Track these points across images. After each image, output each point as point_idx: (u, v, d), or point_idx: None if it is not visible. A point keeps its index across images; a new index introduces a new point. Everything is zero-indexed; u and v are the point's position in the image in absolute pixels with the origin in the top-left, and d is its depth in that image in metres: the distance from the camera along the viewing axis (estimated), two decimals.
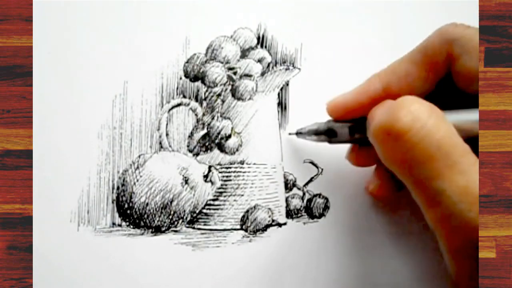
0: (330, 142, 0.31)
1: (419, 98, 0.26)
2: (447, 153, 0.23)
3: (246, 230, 0.34)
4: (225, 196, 0.35)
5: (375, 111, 0.28)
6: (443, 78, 0.28)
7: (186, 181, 0.34)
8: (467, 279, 0.24)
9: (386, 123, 0.25)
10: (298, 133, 0.34)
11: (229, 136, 0.34)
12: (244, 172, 0.35)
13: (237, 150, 0.34)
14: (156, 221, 0.34)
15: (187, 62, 0.35)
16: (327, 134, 0.31)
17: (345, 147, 0.33)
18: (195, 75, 0.35)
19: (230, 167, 0.35)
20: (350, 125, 0.30)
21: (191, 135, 0.35)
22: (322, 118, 0.32)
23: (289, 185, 0.35)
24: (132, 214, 0.34)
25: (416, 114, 0.24)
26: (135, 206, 0.34)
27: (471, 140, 0.26)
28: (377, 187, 0.32)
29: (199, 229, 0.35)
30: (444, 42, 0.27)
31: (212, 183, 0.34)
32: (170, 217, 0.34)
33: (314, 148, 0.35)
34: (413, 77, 0.28)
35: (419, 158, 0.24)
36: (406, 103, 0.25)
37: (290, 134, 0.35)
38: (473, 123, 0.27)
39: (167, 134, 0.35)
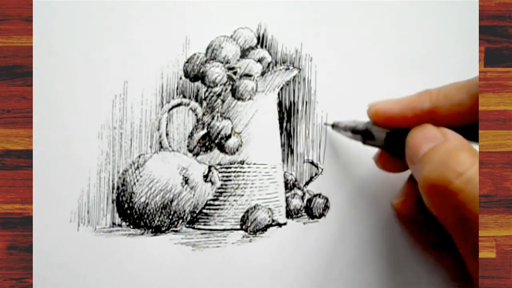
0: (364, 143, 0.31)
1: (469, 149, 0.26)
2: None
3: (246, 230, 0.34)
4: (225, 196, 0.35)
5: (417, 135, 0.28)
6: None
7: (186, 181, 0.34)
8: None
9: (437, 182, 0.25)
10: (334, 126, 0.33)
11: (229, 136, 0.34)
12: (244, 172, 0.35)
13: (237, 150, 0.34)
14: (156, 221, 0.34)
15: (187, 62, 0.35)
16: (363, 135, 0.31)
17: (346, 148, 0.33)
18: (195, 75, 0.35)
19: (230, 167, 0.35)
20: (388, 131, 0.30)
21: (191, 135, 0.35)
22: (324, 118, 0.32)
23: (289, 185, 0.35)
24: (132, 214, 0.34)
25: (469, 176, 0.24)
26: (135, 206, 0.34)
27: None
28: (401, 203, 0.32)
29: (199, 229, 0.35)
30: None
31: (212, 183, 0.34)
32: (170, 217, 0.34)
33: (314, 148, 0.35)
34: (465, 108, 0.28)
35: (469, 216, 0.24)
36: (458, 162, 0.25)
37: (326, 124, 0.35)
38: None
39: (167, 134, 0.35)
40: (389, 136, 0.30)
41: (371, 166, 0.33)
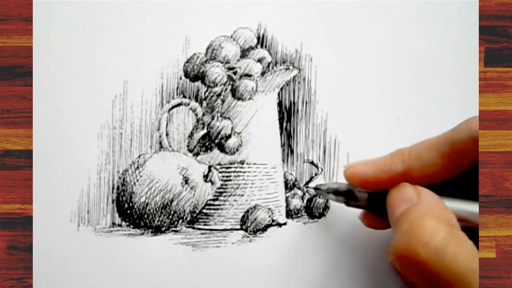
0: (347, 204, 0.31)
1: (437, 214, 0.26)
2: (466, 281, 0.24)
3: (246, 230, 0.34)
4: (225, 196, 0.35)
5: (393, 196, 0.28)
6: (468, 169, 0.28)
7: (186, 181, 0.34)
8: None
9: (405, 252, 0.25)
10: (317, 189, 0.33)
11: (229, 136, 0.34)
12: (244, 172, 0.35)
13: (237, 150, 0.34)
14: (156, 221, 0.34)
15: (187, 62, 0.35)
16: (346, 196, 0.31)
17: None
18: (195, 75, 0.35)
19: (230, 167, 0.35)
20: (370, 192, 0.30)
21: (191, 135, 0.35)
22: (320, 118, 0.32)
23: (289, 185, 0.35)
24: (132, 214, 0.34)
25: (435, 245, 0.24)
26: (135, 206, 0.34)
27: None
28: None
29: (199, 229, 0.35)
30: (473, 137, 0.27)
31: (212, 183, 0.34)
32: (170, 217, 0.34)
33: (314, 148, 0.35)
34: (438, 168, 0.28)
35: (440, 285, 0.24)
36: (423, 230, 0.25)
37: (307, 187, 0.35)
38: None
39: (167, 134, 0.35)
40: (371, 196, 0.30)
41: None
